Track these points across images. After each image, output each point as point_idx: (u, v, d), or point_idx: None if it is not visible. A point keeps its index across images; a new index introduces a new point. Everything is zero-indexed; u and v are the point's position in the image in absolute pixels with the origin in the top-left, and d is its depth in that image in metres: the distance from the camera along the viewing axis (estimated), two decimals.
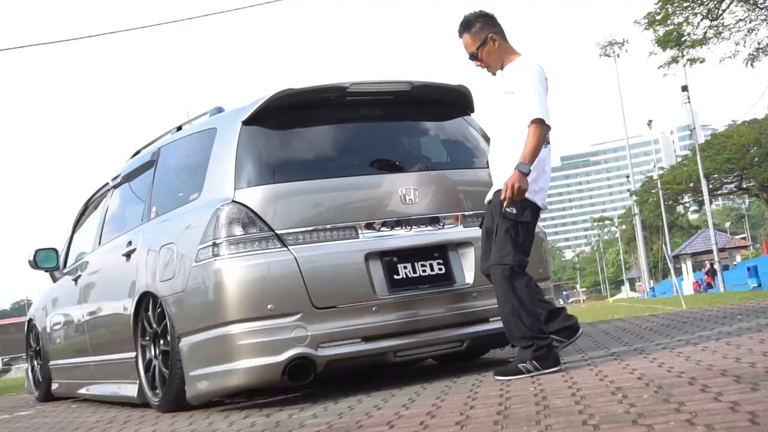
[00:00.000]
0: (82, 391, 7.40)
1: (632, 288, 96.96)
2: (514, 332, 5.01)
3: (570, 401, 3.73)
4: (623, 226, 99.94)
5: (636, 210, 69.17)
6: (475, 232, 5.52)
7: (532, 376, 4.84)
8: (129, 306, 6.05)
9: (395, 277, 5.35)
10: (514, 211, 5.00)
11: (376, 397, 4.89)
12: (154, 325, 5.77)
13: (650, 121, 67.09)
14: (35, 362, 8.70)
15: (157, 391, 5.76)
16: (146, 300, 5.85)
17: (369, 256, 5.29)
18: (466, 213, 5.66)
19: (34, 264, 8.10)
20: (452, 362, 6.65)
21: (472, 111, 6.16)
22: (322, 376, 5.30)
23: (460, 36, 5.32)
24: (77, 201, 8.40)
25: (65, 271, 7.96)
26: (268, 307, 5.01)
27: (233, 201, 5.17)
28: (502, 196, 4.97)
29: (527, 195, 4.99)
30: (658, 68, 25.39)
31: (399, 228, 5.45)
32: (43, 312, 8.34)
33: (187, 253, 5.35)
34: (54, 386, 8.19)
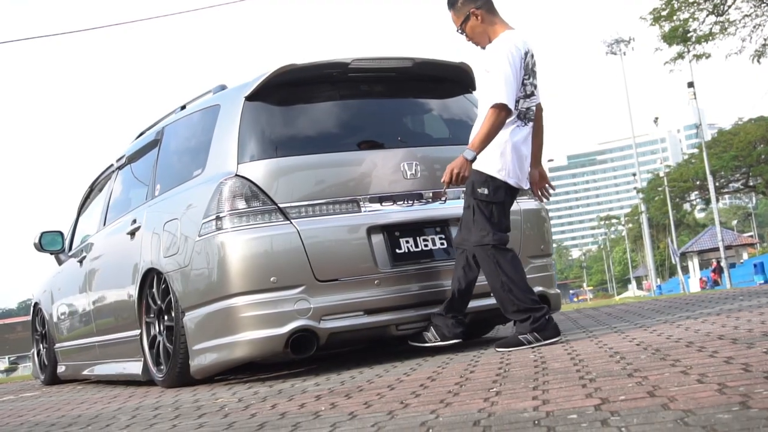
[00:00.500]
0: (87, 372, 7.44)
1: (639, 286, 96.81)
2: (509, 307, 5.06)
3: (569, 364, 3.77)
4: (630, 225, 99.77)
5: (643, 208, 69.09)
6: None
7: (533, 348, 4.88)
8: (134, 284, 6.10)
9: (397, 251, 5.39)
10: (486, 191, 5.07)
11: (378, 369, 4.93)
12: (159, 302, 5.81)
13: (656, 119, 67.02)
14: (41, 346, 8.75)
15: (162, 367, 5.80)
16: (151, 277, 5.89)
17: (371, 230, 5.33)
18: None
19: (40, 247, 8.14)
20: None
21: (474, 89, 6.19)
22: (325, 349, 5.35)
23: (449, 12, 5.36)
24: (82, 190, 8.42)
25: (70, 253, 8.00)
26: (271, 279, 5.05)
27: (236, 175, 5.22)
28: (442, 179, 5.07)
29: (498, 176, 5.05)
30: (664, 64, 25.48)
31: (401, 202, 5.49)
32: (49, 295, 8.38)
33: (190, 227, 5.40)
34: (60, 369, 8.23)
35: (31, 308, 8.99)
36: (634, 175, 75.91)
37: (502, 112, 4.95)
